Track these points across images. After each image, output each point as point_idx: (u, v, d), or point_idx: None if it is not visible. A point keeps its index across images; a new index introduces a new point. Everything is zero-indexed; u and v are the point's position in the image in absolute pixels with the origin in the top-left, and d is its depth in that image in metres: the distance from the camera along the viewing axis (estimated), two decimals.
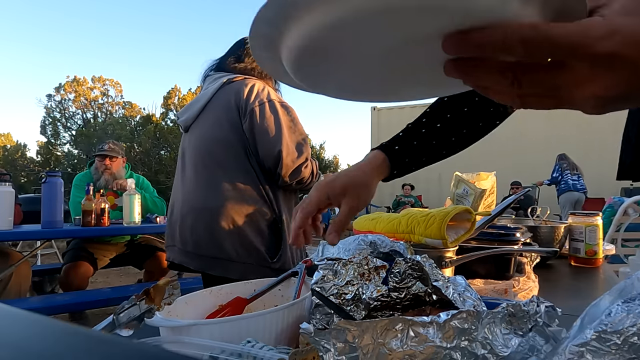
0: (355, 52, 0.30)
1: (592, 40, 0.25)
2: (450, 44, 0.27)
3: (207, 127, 1.46)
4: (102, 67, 30.08)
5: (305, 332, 0.32)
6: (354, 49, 0.30)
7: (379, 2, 0.25)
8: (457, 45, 0.27)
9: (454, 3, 0.25)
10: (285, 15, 0.27)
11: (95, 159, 2.86)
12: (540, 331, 0.33)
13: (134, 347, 0.19)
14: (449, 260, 0.72)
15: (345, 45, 0.29)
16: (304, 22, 0.27)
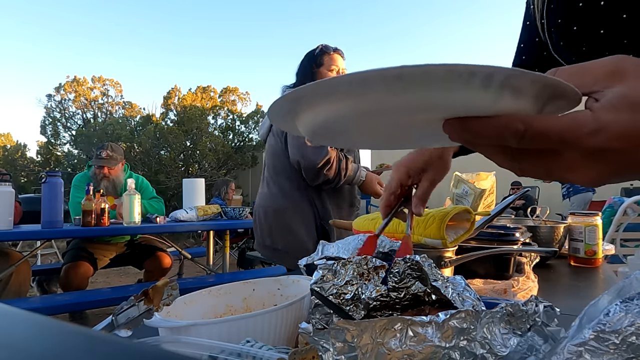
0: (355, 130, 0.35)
1: (581, 136, 0.27)
2: (450, 130, 0.30)
3: (270, 141, 1.80)
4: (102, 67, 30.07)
5: (304, 332, 0.32)
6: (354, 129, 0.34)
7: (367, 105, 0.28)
8: (456, 132, 0.30)
9: (440, 107, 0.28)
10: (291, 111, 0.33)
11: (93, 166, 2.85)
12: (539, 331, 0.33)
13: (133, 347, 0.19)
14: (448, 260, 0.72)
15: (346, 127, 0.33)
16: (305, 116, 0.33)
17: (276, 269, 3.35)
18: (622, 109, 0.28)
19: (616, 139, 0.28)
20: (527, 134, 0.28)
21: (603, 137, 0.27)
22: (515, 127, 0.28)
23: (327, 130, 0.34)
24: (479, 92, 0.27)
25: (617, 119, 0.28)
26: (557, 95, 0.29)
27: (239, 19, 30.64)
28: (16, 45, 24.12)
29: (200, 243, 6.12)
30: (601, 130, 0.27)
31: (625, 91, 0.28)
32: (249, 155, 11.49)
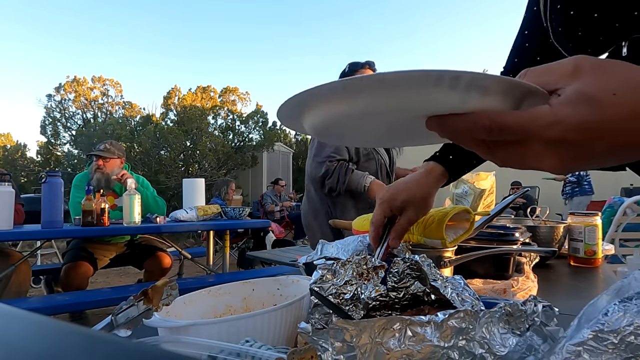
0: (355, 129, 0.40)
1: (540, 128, 0.31)
2: (431, 126, 0.34)
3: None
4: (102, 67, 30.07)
5: (303, 332, 0.33)
6: (353, 128, 0.39)
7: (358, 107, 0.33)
8: (436, 128, 0.34)
9: (420, 107, 0.33)
10: (298, 111, 0.37)
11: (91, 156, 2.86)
12: (538, 331, 0.33)
13: (133, 347, 0.19)
14: (447, 260, 0.72)
15: (346, 126, 0.38)
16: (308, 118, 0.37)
17: (276, 269, 3.36)
18: (577, 103, 0.31)
19: (571, 131, 0.31)
20: (494, 127, 0.32)
21: (559, 129, 0.31)
22: (483, 122, 0.32)
23: (328, 129, 0.39)
24: (449, 92, 0.31)
25: (572, 113, 0.31)
26: (529, 94, 0.33)
27: (239, 19, 30.64)
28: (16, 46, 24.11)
29: (200, 243, 6.12)
30: (557, 122, 0.31)
31: (581, 87, 0.31)
32: (249, 155, 11.49)
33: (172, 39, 28.00)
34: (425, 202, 0.74)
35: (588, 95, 0.31)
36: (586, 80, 0.31)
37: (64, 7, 23.44)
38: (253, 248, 5.18)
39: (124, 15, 25.89)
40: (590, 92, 0.31)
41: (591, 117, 0.30)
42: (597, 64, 0.32)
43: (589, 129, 0.31)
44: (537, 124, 0.31)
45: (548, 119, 0.31)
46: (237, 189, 7.80)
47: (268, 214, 7.23)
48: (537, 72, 0.34)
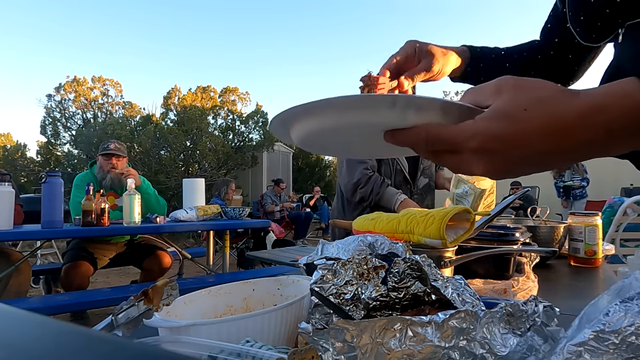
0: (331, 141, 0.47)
1: (464, 140, 0.37)
2: (386, 139, 0.42)
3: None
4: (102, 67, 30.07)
5: (303, 332, 0.32)
6: (331, 139, 0.46)
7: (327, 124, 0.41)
8: (389, 140, 0.41)
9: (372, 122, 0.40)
10: (283, 126, 0.45)
11: (100, 158, 2.84)
12: (539, 331, 0.33)
13: (133, 347, 0.19)
14: (448, 260, 0.72)
15: (322, 139, 0.45)
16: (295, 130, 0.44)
17: (276, 269, 3.36)
18: (493, 118, 0.37)
19: (488, 141, 0.36)
20: (429, 139, 0.39)
21: (478, 140, 0.37)
22: (421, 135, 0.39)
23: (307, 141, 0.46)
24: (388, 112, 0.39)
25: (489, 126, 0.36)
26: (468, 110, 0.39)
27: (240, 19, 30.64)
28: (16, 46, 24.11)
29: (200, 243, 6.12)
30: (476, 134, 0.37)
31: (499, 104, 0.37)
32: (249, 155, 11.49)
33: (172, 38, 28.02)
34: (445, 57, 0.73)
35: (503, 111, 0.37)
36: (504, 98, 0.37)
37: (64, 7, 23.45)
38: (253, 248, 5.18)
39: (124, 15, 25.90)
40: (505, 108, 0.37)
41: (504, 129, 0.36)
42: (516, 83, 0.38)
43: (503, 140, 0.36)
44: (461, 136, 0.37)
45: (470, 132, 0.37)
46: (237, 189, 7.80)
47: (268, 214, 7.23)
48: (474, 91, 0.41)
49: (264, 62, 31.75)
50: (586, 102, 0.36)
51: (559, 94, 0.36)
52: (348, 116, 0.39)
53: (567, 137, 0.35)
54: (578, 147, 0.36)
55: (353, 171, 1.86)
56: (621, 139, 0.36)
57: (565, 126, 0.35)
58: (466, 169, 0.40)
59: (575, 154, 0.37)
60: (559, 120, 0.35)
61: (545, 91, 0.37)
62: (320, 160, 16.23)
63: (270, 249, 4.84)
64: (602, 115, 0.35)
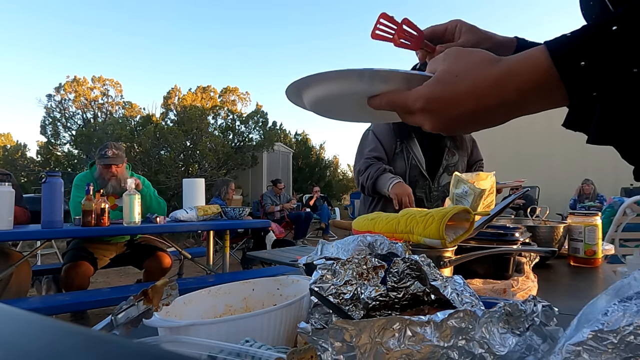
0: (335, 105, 0.56)
1: (411, 102, 0.47)
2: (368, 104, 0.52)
3: None
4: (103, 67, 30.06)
5: (303, 332, 0.33)
6: (334, 104, 0.56)
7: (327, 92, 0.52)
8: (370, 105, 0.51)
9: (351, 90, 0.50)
10: (297, 91, 0.55)
11: (98, 166, 2.83)
12: (538, 330, 0.33)
13: (133, 346, 0.19)
14: (447, 260, 0.72)
15: (328, 103, 0.55)
16: (305, 95, 0.55)
17: (276, 269, 3.36)
18: (433, 84, 0.45)
19: (429, 102, 0.45)
20: (390, 103, 0.49)
21: (420, 102, 0.46)
22: (386, 100, 0.49)
23: (319, 105, 0.56)
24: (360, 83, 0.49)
25: (428, 90, 0.45)
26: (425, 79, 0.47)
27: (240, 19, 30.63)
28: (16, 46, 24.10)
29: (200, 243, 6.12)
30: (419, 98, 0.46)
31: (439, 72, 0.46)
32: (249, 155, 11.48)
33: (172, 38, 28.00)
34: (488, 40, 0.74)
35: (440, 77, 0.45)
36: (444, 66, 0.45)
37: (64, 7, 23.44)
38: (253, 248, 5.18)
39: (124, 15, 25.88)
40: (442, 75, 0.45)
41: (439, 93, 0.44)
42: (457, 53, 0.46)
43: (439, 101, 0.44)
44: (410, 100, 0.46)
45: (415, 96, 0.46)
46: (237, 189, 7.79)
47: (268, 214, 7.23)
48: (432, 60, 0.48)
49: (264, 62, 31.74)
50: (503, 68, 0.42)
51: (485, 62, 0.43)
52: (332, 86, 0.50)
53: (487, 99, 0.43)
54: (497, 107, 0.43)
55: (358, 162, 1.94)
56: (531, 100, 0.42)
57: (484, 89, 0.42)
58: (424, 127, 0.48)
59: (496, 113, 0.44)
60: (479, 84, 0.43)
61: (475, 59, 0.44)
62: (320, 160, 16.22)
63: (270, 249, 4.83)
64: (514, 79, 0.42)
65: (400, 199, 1.70)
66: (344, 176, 18.20)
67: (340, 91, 0.50)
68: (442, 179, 1.90)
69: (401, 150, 1.88)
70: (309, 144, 16.13)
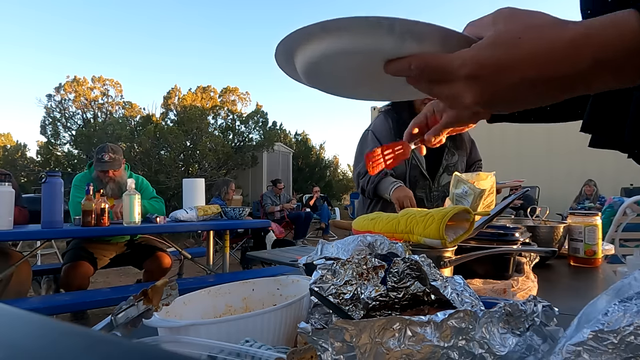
0: (336, 71, 0.45)
1: (455, 67, 0.38)
2: (386, 69, 0.43)
3: None
4: (103, 67, 30.08)
5: (303, 332, 0.32)
6: (334, 69, 0.45)
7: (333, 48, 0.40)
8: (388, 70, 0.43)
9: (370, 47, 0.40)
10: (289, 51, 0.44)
11: (96, 170, 2.83)
12: (538, 331, 0.33)
13: (132, 346, 0.19)
14: (447, 260, 0.72)
15: (328, 67, 0.44)
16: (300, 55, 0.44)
17: (276, 269, 3.36)
18: (486, 47, 0.38)
19: (478, 68, 0.37)
20: (423, 67, 0.40)
21: (468, 67, 0.38)
22: (416, 62, 0.40)
23: (311, 72, 0.46)
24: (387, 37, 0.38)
25: (479, 53, 0.38)
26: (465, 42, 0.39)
27: (240, 19, 30.64)
28: (16, 46, 24.10)
29: (200, 243, 6.12)
30: (467, 62, 0.38)
31: (492, 34, 0.38)
32: (249, 155, 11.48)
33: (172, 38, 28.00)
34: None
35: (495, 38, 0.38)
36: (499, 27, 0.38)
37: (64, 7, 23.44)
38: (253, 248, 5.18)
39: (124, 15, 25.89)
40: (498, 36, 0.37)
41: (495, 56, 0.37)
42: (512, 13, 0.39)
43: (492, 66, 0.37)
44: (453, 63, 0.38)
45: (461, 59, 0.38)
46: (237, 189, 7.79)
47: (268, 214, 7.23)
48: (475, 23, 0.41)
49: (264, 62, 31.74)
50: (579, 30, 0.36)
51: (552, 22, 0.37)
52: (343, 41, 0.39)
53: (556, 64, 0.36)
54: (565, 76, 0.36)
55: (357, 164, 1.93)
56: (603, 71, 0.36)
57: (555, 53, 0.35)
58: (458, 100, 0.40)
59: (556, 86, 0.37)
60: (549, 46, 0.36)
61: (539, 19, 0.37)
62: (320, 160, 16.22)
63: (270, 249, 4.83)
64: (592, 41, 0.35)
65: (401, 202, 1.71)
66: (344, 176, 18.20)
67: (353, 48, 0.39)
68: (442, 179, 1.90)
69: None
70: (309, 144, 16.14)
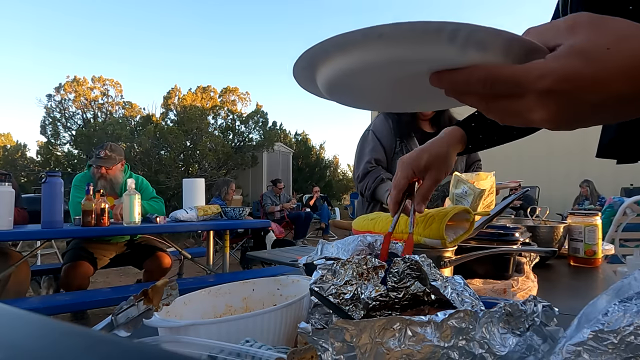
0: (365, 83, 0.40)
1: (532, 79, 0.32)
2: (433, 81, 0.36)
3: None
4: (102, 67, 30.09)
5: (303, 332, 0.32)
6: (364, 81, 0.39)
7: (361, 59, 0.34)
8: (436, 81, 0.36)
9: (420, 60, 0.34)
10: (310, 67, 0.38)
11: (91, 164, 2.84)
12: (538, 331, 0.33)
13: (133, 346, 0.19)
14: (447, 260, 0.72)
15: (359, 80, 0.38)
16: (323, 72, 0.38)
17: (276, 269, 3.36)
18: (569, 57, 0.32)
19: (561, 82, 0.32)
20: (488, 79, 0.34)
21: (549, 80, 0.32)
22: (479, 74, 0.34)
23: (338, 85, 0.40)
24: (448, 46, 0.33)
25: (563, 65, 0.32)
26: (531, 51, 0.34)
27: (240, 19, 30.64)
28: (16, 46, 24.10)
29: (200, 243, 6.12)
30: (548, 73, 0.32)
31: (575, 42, 0.33)
32: (249, 155, 11.49)
33: (172, 38, 28.00)
34: (447, 160, 0.74)
35: (580, 49, 0.32)
36: (581, 36, 0.33)
37: (64, 7, 23.44)
38: (253, 248, 5.18)
39: (124, 15, 25.88)
40: (583, 47, 0.32)
41: (581, 69, 0.32)
42: (594, 20, 0.34)
43: (579, 80, 0.32)
44: (529, 75, 0.33)
45: (540, 70, 0.32)
46: (237, 189, 7.79)
47: (268, 214, 7.23)
48: (539, 29, 0.36)
49: (265, 62, 31.75)
50: None
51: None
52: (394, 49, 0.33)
53: None
54: None
55: (358, 166, 1.92)
56: None
57: None
58: (525, 117, 0.35)
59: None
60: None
61: (629, 29, 0.33)
62: (320, 160, 16.22)
63: (270, 249, 4.83)
64: None
65: None
66: (344, 176, 18.21)
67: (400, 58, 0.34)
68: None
69: (400, 150, 1.89)
70: (309, 144, 16.14)
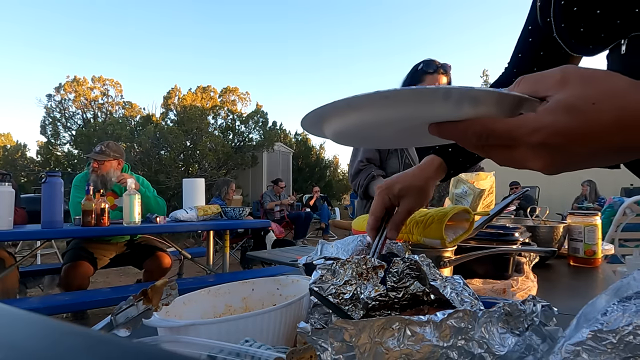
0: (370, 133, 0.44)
1: (525, 134, 0.34)
2: (432, 132, 0.39)
3: None
4: (102, 67, 30.09)
5: (302, 332, 0.33)
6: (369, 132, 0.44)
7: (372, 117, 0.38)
8: (435, 133, 0.39)
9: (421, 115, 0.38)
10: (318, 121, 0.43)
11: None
12: (537, 330, 0.33)
13: (132, 346, 0.19)
14: (447, 260, 0.72)
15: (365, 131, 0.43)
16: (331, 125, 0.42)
17: (276, 269, 3.36)
18: (560, 112, 0.34)
19: (553, 136, 0.34)
20: (483, 133, 0.36)
21: (541, 135, 0.34)
22: (474, 129, 0.36)
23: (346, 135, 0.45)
24: (443, 104, 0.36)
25: (554, 120, 0.34)
26: (523, 100, 0.36)
27: (240, 18, 30.64)
28: (16, 46, 24.10)
29: (200, 243, 6.12)
30: (540, 129, 0.34)
31: (565, 97, 0.34)
32: (249, 155, 11.49)
33: (172, 38, 27.99)
34: (423, 191, 0.74)
35: (570, 104, 0.34)
36: (570, 90, 0.34)
37: (65, 6, 23.44)
38: (253, 248, 5.18)
39: (124, 15, 25.88)
40: (572, 102, 0.34)
41: (571, 124, 0.33)
42: (583, 74, 0.35)
43: (569, 135, 0.34)
44: (521, 130, 0.35)
45: (532, 125, 0.34)
46: (237, 189, 7.79)
47: (268, 214, 7.23)
48: (531, 80, 0.37)
49: (265, 62, 31.75)
50: None
51: (630, 87, 0.34)
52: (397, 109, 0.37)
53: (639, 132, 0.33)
54: None
55: (352, 165, 1.94)
56: None
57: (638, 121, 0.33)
58: (520, 164, 0.38)
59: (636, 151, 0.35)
60: (631, 114, 0.33)
61: (615, 84, 0.35)
62: (320, 160, 16.22)
63: (270, 249, 4.83)
64: None
65: None
66: (344, 176, 18.20)
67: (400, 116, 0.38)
68: None
69: (395, 150, 1.89)
70: (309, 144, 16.14)
